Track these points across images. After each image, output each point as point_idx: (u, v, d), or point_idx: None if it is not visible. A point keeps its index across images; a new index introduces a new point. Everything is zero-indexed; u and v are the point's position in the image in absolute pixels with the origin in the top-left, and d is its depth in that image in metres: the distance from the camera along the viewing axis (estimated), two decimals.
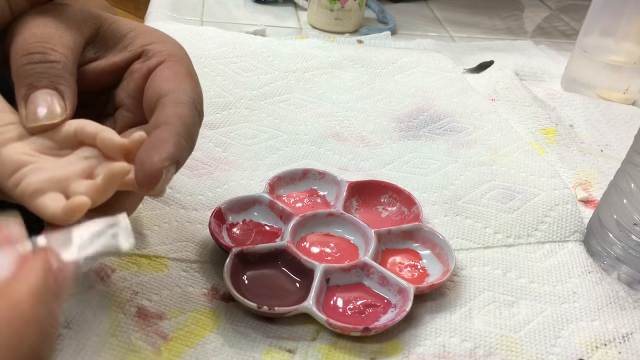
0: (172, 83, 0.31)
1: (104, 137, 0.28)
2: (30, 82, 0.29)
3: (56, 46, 0.30)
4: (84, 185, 0.27)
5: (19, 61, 0.29)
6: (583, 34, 0.65)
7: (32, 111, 0.28)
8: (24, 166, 0.26)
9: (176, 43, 0.35)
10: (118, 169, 0.26)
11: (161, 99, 0.30)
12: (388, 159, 0.51)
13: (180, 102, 0.30)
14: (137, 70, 0.33)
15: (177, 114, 0.29)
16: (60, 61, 0.30)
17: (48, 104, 0.28)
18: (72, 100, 0.30)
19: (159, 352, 0.33)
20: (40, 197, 0.26)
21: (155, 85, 0.31)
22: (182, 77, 0.32)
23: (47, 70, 0.29)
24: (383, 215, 0.44)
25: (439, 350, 0.35)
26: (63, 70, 0.30)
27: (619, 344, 0.37)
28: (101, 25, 0.34)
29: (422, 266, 0.40)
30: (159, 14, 0.76)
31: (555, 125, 0.58)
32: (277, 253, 0.39)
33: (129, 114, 0.33)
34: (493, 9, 0.92)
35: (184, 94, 0.31)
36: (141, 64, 0.33)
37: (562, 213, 0.46)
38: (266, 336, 0.35)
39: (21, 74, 0.29)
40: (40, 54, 0.29)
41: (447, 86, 0.63)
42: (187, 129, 0.30)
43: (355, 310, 0.37)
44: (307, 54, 0.65)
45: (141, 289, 0.36)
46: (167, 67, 0.32)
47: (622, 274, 0.41)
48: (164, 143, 0.28)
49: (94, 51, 0.33)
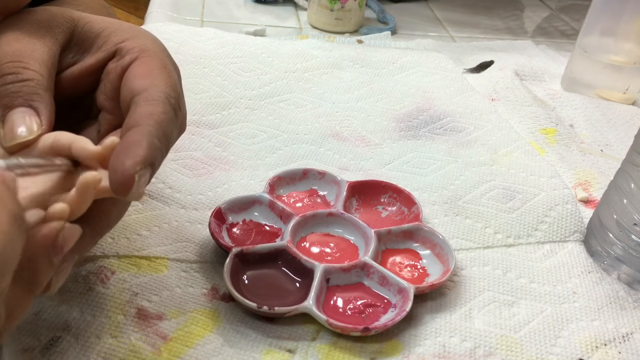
0: (145, 80, 0.30)
1: (77, 147, 0.28)
2: (5, 102, 0.29)
3: (29, 63, 0.30)
4: (62, 200, 0.27)
5: None
6: (583, 34, 0.65)
7: (8, 130, 0.29)
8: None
9: (150, 36, 0.34)
10: (89, 179, 0.26)
11: (134, 98, 0.30)
12: (388, 158, 0.51)
13: (152, 100, 0.29)
14: (112, 71, 0.32)
15: (149, 113, 0.29)
16: (32, 79, 0.30)
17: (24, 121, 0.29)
18: (47, 115, 0.30)
19: (159, 353, 0.33)
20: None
21: (129, 85, 0.31)
22: (155, 73, 0.31)
23: (20, 89, 0.29)
24: (383, 215, 0.44)
25: (439, 350, 0.35)
26: (36, 86, 0.30)
27: (619, 344, 0.37)
28: (75, 27, 0.33)
29: (422, 266, 0.40)
30: (159, 14, 0.76)
31: (555, 125, 0.58)
32: (277, 253, 0.39)
33: (110, 117, 0.33)
34: (493, 9, 0.92)
35: (156, 90, 0.30)
36: (115, 63, 0.32)
37: (562, 213, 0.46)
38: (266, 336, 0.35)
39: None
40: (12, 75, 0.29)
41: (447, 86, 0.63)
42: (161, 128, 0.29)
43: (355, 310, 0.37)
44: (307, 54, 0.65)
45: (141, 290, 0.36)
46: (140, 64, 0.32)
47: (622, 274, 0.41)
48: (136, 146, 0.27)
49: (71, 55, 0.33)
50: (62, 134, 0.29)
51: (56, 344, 0.32)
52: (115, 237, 0.39)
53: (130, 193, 0.27)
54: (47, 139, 0.29)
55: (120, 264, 0.37)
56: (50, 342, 0.32)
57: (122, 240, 0.39)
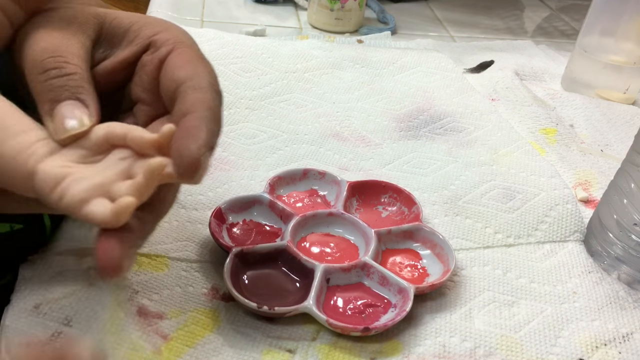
0: (187, 70, 0.31)
1: (134, 136, 0.28)
2: (52, 97, 0.29)
3: (68, 57, 0.30)
4: (126, 186, 0.27)
5: (36, 79, 0.30)
6: (583, 33, 0.65)
7: (59, 123, 0.29)
8: (64, 179, 0.27)
9: (181, 29, 0.34)
10: (156, 164, 0.27)
11: (180, 88, 0.30)
12: (388, 158, 0.51)
13: (199, 87, 0.30)
14: (148, 63, 0.33)
15: (200, 100, 0.30)
16: (76, 72, 0.30)
17: (73, 114, 0.29)
18: (95, 106, 0.30)
19: (159, 352, 0.33)
20: (87, 206, 0.26)
21: (171, 75, 0.31)
22: (195, 62, 0.32)
23: (65, 83, 0.29)
24: (383, 215, 0.44)
25: (439, 350, 0.35)
26: (80, 80, 0.30)
27: (619, 344, 0.37)
28: (103, 23, 0.33)
29: (422, 266, 0.40)
30: (159, 14, 0.76)
31: (556, 125, 0.58)
32: (277, 253, 0.39)
33: (148, 108, 0.33)
34: (493, 9, 0.92)
35: (201, 78, 0.31)
36: (151, 55, 0.33)
37: (563, 213, 0.46)
38: (266, 336, 0.35)
39: (41, 92, 0.29)
40: (56, 69, 0.30)
41: (447, 86, 0.63)
42: (213, 113, 0.30)
43: (355, 310, 0.37)
44: (307, 54, 0.65)
45: (141, 288, 0.36)
46: (178, 55, 0.32)
47: (622, 273, 0.41)
48: (197, 130, 0.28)
49: (101, 50, 0.33)
50: (114, 125, 0.29)
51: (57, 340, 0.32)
52: None
53: (196, 176, 0.27)
54: (100, 130, 0.29)
55: None
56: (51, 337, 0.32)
57: None
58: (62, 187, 0.26)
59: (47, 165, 0.27)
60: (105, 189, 0.27)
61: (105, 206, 0.26)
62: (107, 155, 0.29)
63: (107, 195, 0.27)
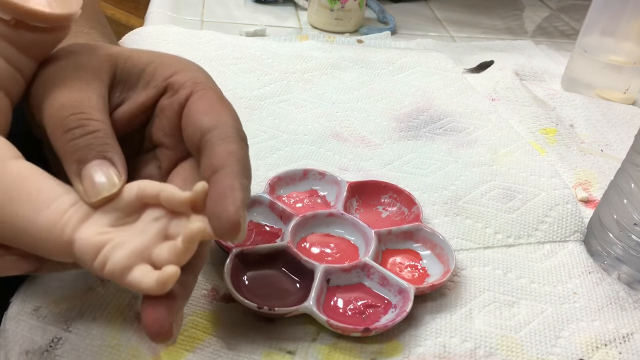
0: (211, 117, 0.30)
1: (167, 195, 0.28)
2: (78, 157, 0.28)
3: (90, 113, 0.29)
4: (167, 251, 0.27)
5: (60, 139, 0.29)
6: (583, 33, 0.65)
7: (89, 186, 0.28)
8: (103, 247, 0.26)
9: (197, 68, 0.34)
10: (196, 230, 0.27)
11: (205, 137, 0.30)
12: (388, 159, 0.51)
13: (226, 137, 0.29)
14: (167, 107, 0.32)
15: (229, 152, 0.29)
16: (99, 129, 0.29)
17: (103, 174, 0.28)
18: (123, 164, 0.29)
19: (159, 358, 0.33)
20: (130, 274, 0.26)
21: (194, 122, 0.30)
22: (217, 107, 0.31)
23: (91, 142, 0.29)
24: (383, 216, 0.44)
25: (440, 351, 0.35)
26: (105, 136, 0.29)
27: (620, 345, 0.37)
28: (117, 64, 0.32)
29: (423, 266, 0.40)
30: (159, 14, 0.76)
31: (556, 125, 0.58)
32: (278, 253, 0.39)
33: (170, 152, 0.33)
34: (493, 9, 0.92)
35: (226, 126, 0.30)
36: (169, 99, 0.32)
37: (563, 213, 0.46)
38: (266, 337, 0.35)
39: (67, 152, 0.29)
40: (79, 128, 0.29)
41: (447, 86, 0.63)
42: (243, 166, 0.29)
43: (355, 310, 0.37)
44: (307, 55, 0.65)
45: None
46: (199, 99, 0.31)
47: (622, 274, 0.41)
48: (232, 191, 0.27)
49: (117, 94, 0.32)
50: (145, 183, 0.28)
51: (57, 346, 0.32)
52: None
53: (238, 236, 0.27)
54: (132, 190, 0.28)
55: None
56: (51, 343, 0.32)
57: None
58: (103, 255, 0.26)
59: (85, 233, 0.27)
60: (146, 255, 0.27)
61: (150, 276, 0.26)
62: (141, 216, 0.28)
63: (149, 261, 0.27)
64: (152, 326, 0.26)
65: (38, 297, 0.34)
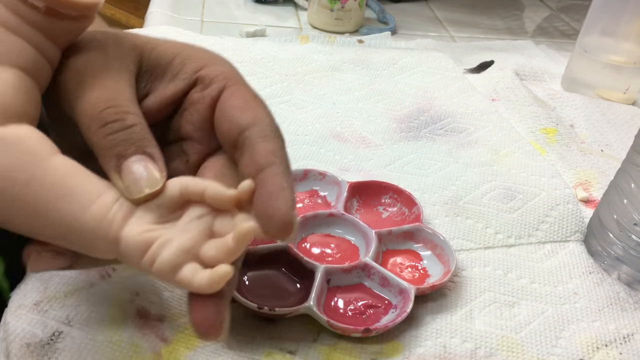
0: (248, 113, 0.30)
1: (212, 193, 0.27)
2: (118, 152, 0.27)
3: (126, 106, 0.28)
4: (216, 249, 0.27)
5: (97, 134, 0.28)
6: (583, 34, 0.65)
7: (131, 182, 0.27)
8: (151, 244, 0.26)
9: (226, 61, 0.33)
10: (249, 229, 0.26)
11: (244, 134, 0.29)
12: (389, 159, 0.51)
13: (266, 135, 0.29)
14: (198, 101, 0.31)
15: (272, 151, 0.29)
16: (137, 123, 0.28)
17: (144, 171, 0.27)
18: (162, 159, 0.28)
19: (160, 355, 0.33)
20: (180, 272, 0.26)
21: (230, 118, 0.30)
22: (252, 104, 0.30)
23: (129, 137, 0.28)
24: (384, 216, 0.44)
25: (440, 351, 0.35)
26: (143, 131, 0.28)
27: (620, 345, 0.37)
28: (142, 54, 0.31)
29: (423, 267, 0.40)
30: (159, 14, 0.76)
31: (556, 125, 0.58)
32: (278, 254, 0.39)
33: (200, 146, 0.32)
34: (493, 9, 0.92)
35: (266, 124, 0.30)
36: (200, 92, 0.31)
37: (563, 213, 0.46)
38: (267, 337, 0.35)
39: (104, 147, 0.28)
40: (117, 122, 0.28)
41: (448, 86, 0.63)
42: (287, 164, 0.29)
43: (356, 311, 0.37)
44: (308, 58, 0.65)
45: (142, 289, 0.36)
46: (233, 95, 0.31)
47: (623, 274, 0.41)
48: (283, 190, 0.27)
49: (143, 84, 0.31)
50: (188, 181, 0.28)
51: (58, 340, 0.32)
52: None
53: (291, 235, 0.27)
54: (174, 187, 0.28)
55: None
56: (52, 336, 0.32)
57: None
58: (151, 253, 0.26)
59: (131, 231, 0.26)
60: (194, 252, 0.27)
61: (202, 275, 0.26)
62: (183, 213, 0.28)
63: (197, 259, 0.27)
64: (202, 325, 0.26)
65: (39, 292, 0.34)
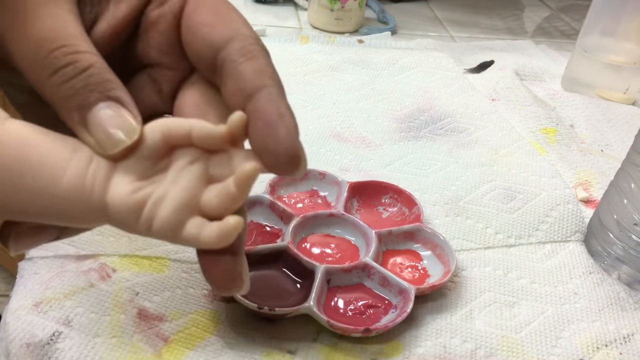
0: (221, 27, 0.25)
1: (200, 133, 0.24)
2: (78, 102, 0.23)
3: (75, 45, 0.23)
4: (218, 198, 0.24)
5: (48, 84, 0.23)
6: (583, 33, 0.65)
7: (103, 136, 0.23)
8: (144, 205, 0.23)
9: None
10: (252, 170, 0.23)
11: (221, 54, 0.25)
12: (389, 159, 0.51)
13: (249, 52, 0.25)
14: (158, 20, 0.26)
15: (259, 71, 0.24)
16: (94, 63, 0.23)
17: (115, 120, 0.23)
18: (132, 101, 0.24)
19: (160, 355, 0.33)
20: (184, 230, 0.24)
21: (201, 37, 0.25)
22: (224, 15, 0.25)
23: (88, 82, 0.23)
24: (384, 216, 0.44)
25: (440, 351, 0.35)
26: (103, 71, 0.24)
27: (620, 345, 0.37)
28: None
29: (423, 267, 0.40)
30: None
31: (556, 125, 0.58)
32: (278, 254, 0.39)
33: (171, 72, 0.27)
34: (493, 9, 0.92)
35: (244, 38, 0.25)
36: (158, 10, 0.26)
37: (563, 213, 0.46)
38: (267, 337, 0.35)
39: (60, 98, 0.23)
40: (69, 66, 0.23)
41: (448, 85, 0.63)
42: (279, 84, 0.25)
43: (356, 311, 0.37)
44: (308, 58, 0.65)
45: (142, 289, 0.36)
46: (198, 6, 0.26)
47: (623, 274, 0.41)
48: (281, 117, 0.24)
49: (88, 9, 0.25)
50: (168, 122, 0.24)
51: (58, 340, 0.32)
52: (116, 235, 0.39)
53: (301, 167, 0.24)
54: (154, 131, 0.24)
55: (122, 262, 0.37)
56: (52, 337, 0.32)
57: (124, 239, 0.39)
58: (146, 215, 0.23)
59: (117, 193, 0.23)
60: (195, 204, 0.24)
61: (209, 229, 0.23)
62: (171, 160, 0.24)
63: (199, 211, 0.24)
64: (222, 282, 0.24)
65: (38, 293, 0.34)
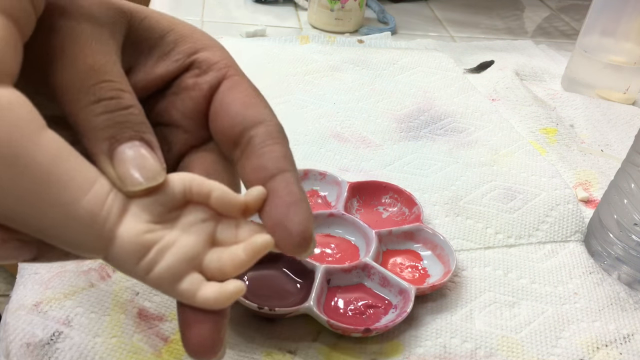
0: (253, 110, 0.27)
1: (220, 198, 0.24)
2: (111, 134, 0.23)
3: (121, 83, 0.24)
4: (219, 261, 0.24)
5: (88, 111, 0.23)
6: (583, 34, 0.65)
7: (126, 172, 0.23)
8: (151, 248, 0.23)
9: (223, 48, 0.29)
10: (263, 243, 0.24)
11: (249, 133, 0.26)
12: (389, 159, 0.51)
13: (276, 137, 0.26)
14: (193, 88, 0.28)
15: (283, 156, 0.26)
16: (135, 104, 0.24)
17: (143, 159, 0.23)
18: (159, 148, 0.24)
19: (160, 355, 0.33)
20: (181, 283, 0.23)
21: (233, 113, 0.27)
22: (257, 99, 0.27)
23: (127, 119, 0.24)
24: (384, 216, 0.44)
25: (440, 351, 0.35)
26: (141, 114, 0.24)
27: (620, 345, 0.37)
28: (130, 22, 0.27)
29: (423, 267, 0.40)
30: None
31: (556, 125, 0.58)
32: (278, 254, 0.38)
33: (186, 136, 0.28)
34: (493, 9, 0.92)
35: (272, 124, 0.27)
36: (196, 79, 0.28)
37: (563, 213, 0.46)
38: (267, 337, 0.35)
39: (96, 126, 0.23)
40: (114, 100, 0.24)
41: (448, 85, 0.63)
42: (296, 169, 0.26)
43: (356, 311, 0.37)
44: (307, 58, 0.65)
45: (142, 289, 0.36)
46: (235, 86, 0.28)
47: (623, 274, 0.41)
48: (299, 201, 0.25)
49: (126, 58, 0.27)
50: (191, 178, 0.24)
51: (58, 340, 0.32)
52: None
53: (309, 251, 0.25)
54: (176, 185, 0.24)
55: None
56: (52, 337, 0.32)
57: None
58: (150, 259, 0.23)
59: (129, 229, 0.22)
60: (198, 261, 0.24)
61: (209, 289, 0.23)
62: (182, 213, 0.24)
63: (199, 269, 0.24)
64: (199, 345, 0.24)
65: (38, 293, 0.34)
